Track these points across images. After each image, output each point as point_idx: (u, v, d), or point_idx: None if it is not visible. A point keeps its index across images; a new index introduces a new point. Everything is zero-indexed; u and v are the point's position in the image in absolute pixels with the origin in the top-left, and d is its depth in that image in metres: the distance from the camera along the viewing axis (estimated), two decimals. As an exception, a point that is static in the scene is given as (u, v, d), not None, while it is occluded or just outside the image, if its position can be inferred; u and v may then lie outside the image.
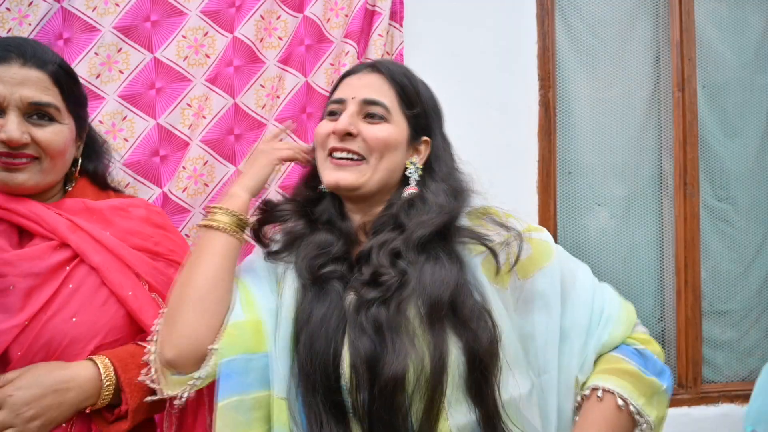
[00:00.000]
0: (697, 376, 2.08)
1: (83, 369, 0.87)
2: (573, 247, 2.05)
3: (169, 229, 1.09)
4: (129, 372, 0.89)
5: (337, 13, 1.61)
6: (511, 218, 0.92)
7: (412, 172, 0.93)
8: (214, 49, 1.52)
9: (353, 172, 0.90)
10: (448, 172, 0.94)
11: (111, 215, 1.00)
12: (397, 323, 0.80)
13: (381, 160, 0.90)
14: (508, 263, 0.86)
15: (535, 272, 0.87)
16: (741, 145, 2.19)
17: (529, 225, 0.93)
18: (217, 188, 1.51)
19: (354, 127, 0.90)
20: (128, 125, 1.46)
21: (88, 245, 0.93)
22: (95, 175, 1.06)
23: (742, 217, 2.18)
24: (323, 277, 0.87)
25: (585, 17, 2.06)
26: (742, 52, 2.18)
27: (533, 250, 0.88)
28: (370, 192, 0.91)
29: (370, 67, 0.95)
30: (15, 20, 1.38)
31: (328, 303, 0.85)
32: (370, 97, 0.91)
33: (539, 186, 1.95)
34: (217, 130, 1.51)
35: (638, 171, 2.12)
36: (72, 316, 0.89)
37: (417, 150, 0.95)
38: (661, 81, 2.13)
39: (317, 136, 0.94)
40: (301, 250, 0.90)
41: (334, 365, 0.81)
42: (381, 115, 0.91)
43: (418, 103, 0.94)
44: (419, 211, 0.88)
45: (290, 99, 1.58)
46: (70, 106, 0.96)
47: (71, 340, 0.89)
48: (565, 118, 2.04)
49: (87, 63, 1.43)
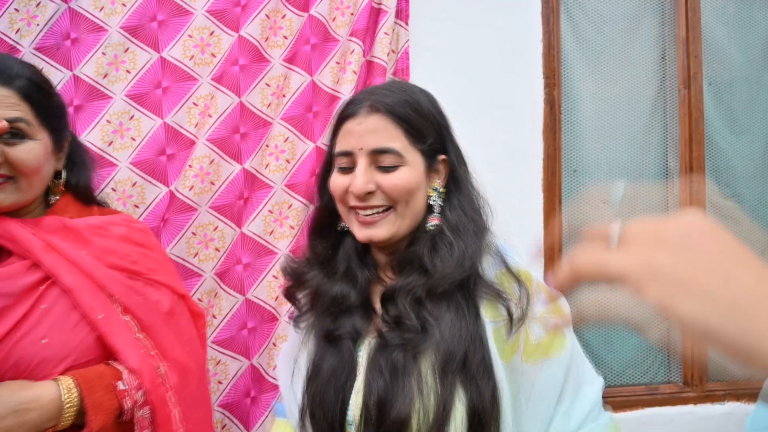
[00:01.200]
0: (702, 375, 2.08)
1: (47, 389, 0.86)
2: (578, 245, 2.05)
3: (150, 246, 1.07)
4: (94, 393, 0.88)
5: (342, 11, 1.61)
6: (540, 289, 0.85)
7: (435, 198, 0.89)
8: (220, 49, 1.52)
9: (383, 226, 0.87)
10: (466, 194, 0.90)
11: (89, 234, 0.98)
12: (411, 370, 0.81)
13: (407, 206, 0.86)
14: (516, 343, 0.82)
15: (540, 360, 0.82)
16: (747, 142, 2.18)
17: (556, 305, 0.85)
18: (223, 186, 1.52)
19: (372, 184, 0.85)
20: (135, 124, 1.47)
21: (61, 266, 0.92)
22: (78, 189, 1.04)
23: (748, 214, 2.17)
24: (336, 337, 0.88)
25: (590, 15, 2.06)
26: (748, 50, 2.17)
27: (547, 337, 0.83)
28: (403, 237, 0.89)
29: (368, 107, 0.87)
30: (23, 21, 1.39)
31: (338, 356, 0.87)
32: (378, 146, 0.85)
33: (544, 184, 1.95)
34: (223, 128, 1.51)
35: (644, 169, 2.12)
36: (42, 338, 0.88)
37: (437, 171, 0.91)
38: (667, 78, 2.13)
39: (334, 192, 0.89)
40: (318, 308, 0.92)
41: (342, 413, 0.84)
42: (394, 164, 0.85)
43: (429, 132, 0.88)
44: (443, 255, 0.85)
45: (296, 98, 1.58)
46: (42, 119, 0.93)
47: (40, 361, 0.88)
48: (571, 116, 2.04)
49: (94, 63, 1.44)
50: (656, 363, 2.12)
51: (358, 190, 0.85)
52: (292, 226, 1.58)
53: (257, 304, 1.56)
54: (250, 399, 1.56)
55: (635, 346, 2.10)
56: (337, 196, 0.90)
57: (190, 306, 1.12)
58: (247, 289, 1.56)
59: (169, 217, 1.48)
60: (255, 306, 1.56)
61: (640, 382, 2.09)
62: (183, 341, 1.04)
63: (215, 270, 1.52)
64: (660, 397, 2.05)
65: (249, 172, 1.55)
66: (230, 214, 1.53)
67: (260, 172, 1.57)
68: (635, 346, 2.10)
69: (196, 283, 1.50)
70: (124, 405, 0.91)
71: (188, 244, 1.49)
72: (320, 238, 0.96)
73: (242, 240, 1.55)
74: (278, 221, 1.58)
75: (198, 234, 1.50)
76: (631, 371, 2.09)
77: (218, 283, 1.53)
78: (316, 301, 0.93)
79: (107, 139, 1.44)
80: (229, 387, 1.54)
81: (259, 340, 1.56)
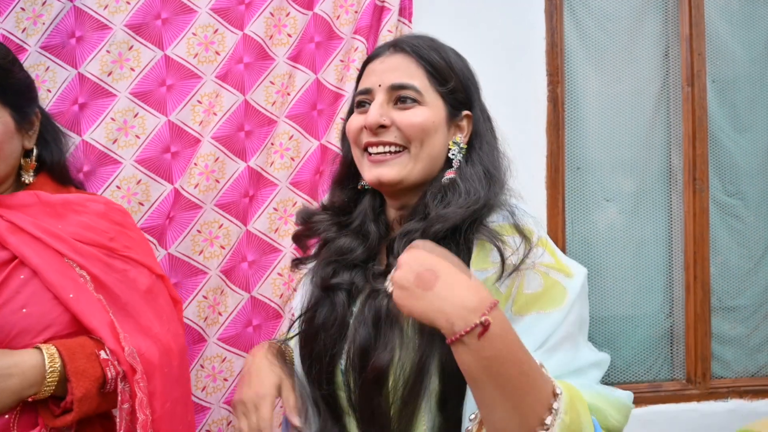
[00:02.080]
0: (706, 372, 2.08)
1: (28, 356, 0.85)
2: (581, 242, 2.05)
3: (128, 226, 1.06)
4: (76, 361, 0.87)
5: (346, 9, 1.61)
6: (544, 246, 0.79)
7: (456, 152, 0.86)
8: (224, 47, 1.53)
9: (394, 166, 0.83)
10: (488, 151, 0.87)
11: (64, 209, 0.97)
12: (394, 319, 0.80)
13: (422, 147, 0.83)
14: (509, 291, 0.76)
15: (532, 312, 0.75)
16: (751, 140, 2.17)
17: (560, 262, 0.79)
18: (228, 184, 1.53)
19: (386, 118, 0.83)
20: (140, 122, 1.47)
21: (26, 247, 0.91)
22: (53, 168, 1.03)
23: (751, 212, 2.17)
24: (331, 287, 0.87)
25: (593, 12, 2.06)
26: (752, 47, 2.17)
27: (543, 288, 0.76)
28: (414, 183, 0.85)
29: (392, 47, 0.87)
30: (29, 19, 1.40)
31: (331, 308, 0.86)
32: (397, 81, 0.83)
33: (548, 181, 1.95)
34: (228, 126, 1.52)
35: (647, 166, 2.11)
36: (22, 307, 0.88)
37: (459, 127, 0.88)
38: (671, 76, 2.12)
39: (349, 132, 0.88)
40: (321, 256, 0.90)
41: (331, 366, 0.84)
42: (413, 98, 0.83)
43: (451, 77, 0.86)
44: (448, 199, 0.82)
45: (300, 96, 1.59)
46: (3, 97, 0.92)
47: (20, 330, 0.87)
48: (574, 113, 2.04)
49: (99, 61, 1.44)
50: (659, 360, 2.12)
51: (372, 121, 0.82)
52: (297, 223, 1.58)
53: (262, 302, 1.57)
54: (254, 396, 1.56)
55: (638, 344, 2.10)
56: (351, 138, 0.88)
57: (169, 289, 1.10)
58: (252, 287, 1.56)
59: (174, 215, 1.49)
60: (260, 303, 1.57)
61: (644, 380, 2.10)
62: (162, 320, 1.03)
63: (221, 267, 1.52)
64: (663, 395, 2.05)
65: (254, 169, 1.55)
66: (235, 212, 1.54)
67: (265, 170, 1.57)
68: (638, 344, 2.10)
69: (201, 280, 1.50)
70: (107, 373, 0.89)
71: (193, 241, 1.50)
72: (340, 190, 0.94)
73: (247, 238, 1.56)
74: (283, 219, 1.58)
75: (203, 232, 1.51)
76: (634, 369, 2.10)
77: (224, 281, 1.53)
78: (321, 248, 0.91)
79: (112, 136, 1.45)
80: (234, 384, 1.54)
81: (264, 337, 1.57)
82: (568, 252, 2.01)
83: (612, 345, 2.07)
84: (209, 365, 1.52)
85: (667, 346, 2.14)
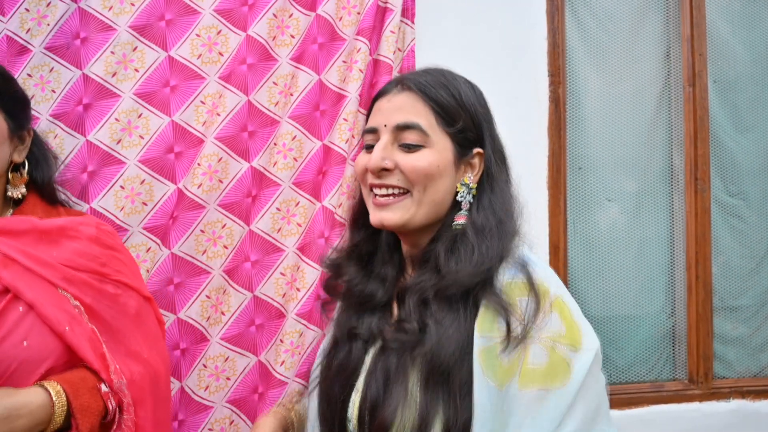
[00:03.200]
0: (708, 372, 2.08)
1: (34, 396, 0.85)
2: (583, 242, 2.06)
3: (118, 249, 1.07)
4: (80, 398, 0.88)
5: (349, 11, 1.62)
6: (559, 310, 0.75)
7: (464, 194, 0.84)
8: (228, 48, 1.53)
9: (397, 210, 0.82)
10: (500, 196, 0.84)
11: (59, 236, 0.98)
12: (401, 377, 0.79)
13: (425, 192, 0.81)
14: (515, 365, 0.72)
15: (534, 389, 0.71)
16: (752, 140, 2.18)
17: (571, 331, 0.74)
18: (231, 184, 1.53)
19: (389, 161, 0.81)
20: (143, 123, 1.48)
21: (21, 280, 0.91)
22: (43, 188, 1.04)
23: (753, 212, 2.17)
24: (353, 335, 0.88)
25: (595, 12, 2.06)
26: (754, 47, 2.17)
27: (547, 365, 0.72)
28: (420, 226, 0.84)
29: (400, 85, 0.85)
30: (34, 20, 1.41)
31: (347, 355, 0.87)
32: (402, 121, 0.81)
33: (549, 181, 1.95)
34: (231, 127, 1.53)
35: (649, 166, 2.12)
36: (23, 340, 0.88)
37: (470, 165, 0.85)
38: (672, 76, 2.13)
39: (356, 171, 0.88)
40: (346, 302, 0.91)
41: (343, 409, 0.85)
42: (417, 143, 0.81)
43: (460, 116, 0.83)
44: (461, 257, 0.79)
45: (303, 96, 1.59)
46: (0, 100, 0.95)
47: (21, 362, 0.87)
48: (576, 113, 2.04)
49: (103, 62, 1.45)
50: (661, 360, 2.13)
51: (374, 164, 0.81)
52: (299, 223, 1.59)
53: (265, 301, 1.57)
54: (257, 395, 1.57)
55: (640, 344, 2.10)
56: (358, 176, 0.87)
57: (155, 311, 1.12)
58: (255, 286, 1.57)
59: (177, 215, 1.49)
60: (263, 303, 1.57)
61: (646, 380, 2.10)
62: (150, 343, 1.05)
63: (223, 267, 1.53)
64: (665, 395, 2.05)
65: (257, 170, 1.56)
66: (238, 212, 1.54)
67: (268, 170, 1.58)
68: (640, 344, 2.10)
69: (204, 280, 1.51)
70: (109, 406, 0.91)
71: (197, 241, 1.51)
72: (356, 229, 0.94)
73: (250, 237, 1.56)
74: (286, 219, 1.59)
75: (206, 231, 1.52)
76: (636, 368, 2.10)
77: (227, 281, 1.54)
78: (347, 294, 0.92)
79: (116, 137, 1.45)
80: (236, 383, 1.55)
81: (267, 336, 1.57)
82: (570, 252, 2.01)
83: (614, 345, 2.08)
84: (212, 364, 1.53)
85: (669, 346, 2.14)
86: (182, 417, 1.50)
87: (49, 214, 1.02)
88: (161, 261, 1.47)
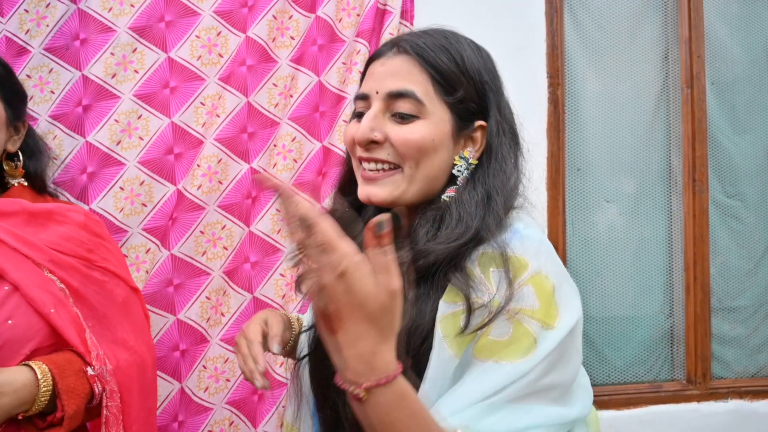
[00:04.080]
0: (706, 372, 2.09)
1: (19, 374, 0.85)
2: (582, 243, 2.06)
3: (106, 238, 1.07)
4: (66, 379, 0.88)
5: (349, 12, 1.62)
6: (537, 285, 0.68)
7: (462, 169, 0.76)
8: (227, 49, 1.53)
9: (385, 186, 0.75)
10: (495, 171, 0.77)
11: (47, 219, 0.98)
12: None
13: (417, 167, 0.74)
14: (475, 334, 0.67)
15: (489, 360, 0.66)
16: (750, 141, 2.19)
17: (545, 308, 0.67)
18: (231, 185, 1.53)
19: (379, 133, 0.74)
20: (143, 124, 1.48)
21: (6, 261, 0.91)
22: (33, 176, 1.05)
23: (751, 213, 2.18)
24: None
25: (593, 14, 2.07)
26: (751, 49, 2.18)
27: (509, 337, 0.66)
28: (410, 203, 0.77)
29: (396, 47, 0.76)
30: (33, 21, 1.41)
31: None
32: (395, 88, 0.73)
33: (548, 183, 1.96)
34: (231, 128, 1.53)
35: (647, 168, 2.12)
36: (7, 319, 0.88)
37: (472, 139, 0.78)
38: (670, 78, 2.14)
39: (345, 141, 0.80)
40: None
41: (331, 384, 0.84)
42: (410, 113, 0.73)
43: (461, 83, 0.75)
44: (438, 231, 0.73)
45: (303, 98, 1.59)
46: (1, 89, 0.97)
47: (5, 341, 0.87)
48: (574, 115, 2.05)
49: (103, 63, 1.45)
50: (660, 361, 2.13)
51: (361, 136, 0.73)
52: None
53: (265, 302, 1.58)
54: (257, 396, 1.57)
55: (639, 344, 2.11)
56: (347, 146, 0.80)
57: (142, 303, 1.12)
58: (254, 288, 1.57)
59: (177, 216, 1.49)
60: (262, 304, 1.57)
61: (644, 380, 2.10)
62: (137, 332, 1.05)
63: (223, 268, 1.53)
64: (664, 395, 2.06)
65: (257, 171, 1.56)
66: (238, 213, 1.54)
67: (268, 172, 1.58)
68: (639, 344, 2.11)
69: (204, 281, 1.51)
70: (95, 389, 0.91)
71: (196, 242, 1.51)
72: (342, 196, 0.87)
73: (250, 239, 1.57)
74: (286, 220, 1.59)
75: (206, 233, 1.52)
76: (634, 369, 2.10)
77: (227, 282, 1.54)
78: None
79: (115, 138, 1.45)
80: (236, 384, 1.55)
81: (267, 337, 1.57)
82: (569, 253, 2.02)
83: (612, 345, 2.08)
84: (212, 366, 1.53)
85: (668, 346, 2.15)
86: (182, 418, 1.50)
87: (35, 201, 1.03)
88: (161, 262, 1.47)
